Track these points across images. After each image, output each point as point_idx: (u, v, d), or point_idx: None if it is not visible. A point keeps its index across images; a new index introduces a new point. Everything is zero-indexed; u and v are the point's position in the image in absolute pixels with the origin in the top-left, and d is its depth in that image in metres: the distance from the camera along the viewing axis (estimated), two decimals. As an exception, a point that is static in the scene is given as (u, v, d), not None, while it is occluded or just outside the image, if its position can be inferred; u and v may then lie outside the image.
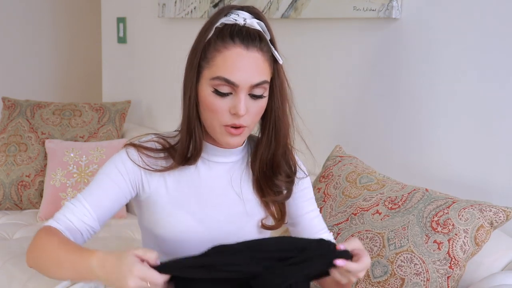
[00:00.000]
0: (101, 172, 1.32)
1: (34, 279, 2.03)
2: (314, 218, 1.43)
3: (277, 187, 1.35)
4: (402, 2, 1.90)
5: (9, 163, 2.67)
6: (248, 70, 1.21)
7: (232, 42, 1.21)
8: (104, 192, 1.30)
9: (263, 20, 1.26)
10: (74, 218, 1.27)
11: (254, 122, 1.28)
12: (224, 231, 1.35)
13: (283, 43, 2.34)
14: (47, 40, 3.98)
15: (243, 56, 1.21)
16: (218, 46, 1.22)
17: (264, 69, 1.24)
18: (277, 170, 1.35)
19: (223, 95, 1.22)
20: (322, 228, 1.43)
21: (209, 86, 1.23)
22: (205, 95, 1.24)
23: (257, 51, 1.22)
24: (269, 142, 1.32)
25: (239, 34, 1.22)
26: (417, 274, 1.43)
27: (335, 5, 2.06)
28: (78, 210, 1.28)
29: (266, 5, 2.32)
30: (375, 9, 1.93)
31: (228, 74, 1.20)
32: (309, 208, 1.43)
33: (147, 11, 3.14)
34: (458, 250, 1.44)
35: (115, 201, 1.31)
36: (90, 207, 1.28)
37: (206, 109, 1.25)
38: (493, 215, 1.45)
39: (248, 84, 1.21)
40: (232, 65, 1.20)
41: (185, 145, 1.30)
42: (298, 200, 1.41)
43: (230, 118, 1.23)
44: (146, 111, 3.23)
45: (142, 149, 1.32)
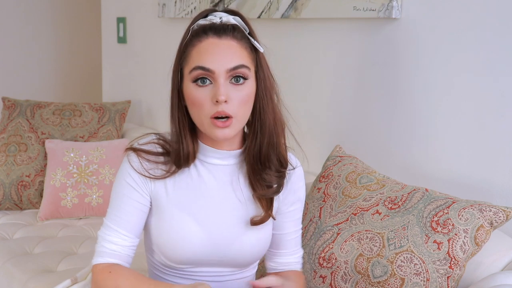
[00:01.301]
0: (116, 191, 1.35)
1: (34, 279, 2.03)
2: (292, 239, 1.46)
3: (265, 181, 1.35)
4: (402, 2, 1.90)
5: (9, 163, 2.67)
6: (222, 55, 1.23)
7: (205, 35, 1.25)
8: (128, 213, 1.33)
9: (240, 16, 1.29)
10: (117, 248, 1.32)
11: (242, 112, 1.27)
12: (225, 234, 1.34)
13: (283, 43, 2.34)
14: (47, 40, 3.98)
15: (216, 44, 1.24)
16: (193, 42, 1.26)
17: (241, 54, 1.25)
18: (266, 163, 1.34)
19: (203, 85, 1.24)
20: (294, 249, 1.47)
21: (189, 81, 1.25)
22: (188, 91, 1.26)
23: (231, 39, 1.25)
24: (255, 133, 1.32)
25: (212, 29, 1.25)
26: (417, 274, 1.43)
27: (335, 5, 2.06)
28: (115, 237, 1.32)
29: (266, 5, 2.32)
30: (375, 9, 1.93)
31: (203, 62, 1.23)
32: (291, 229, 1.45)
33: (147, 11, 3.14)
34: (458, 250, 1.44)
35: (140, 213, 1.34)
36: (124, 230, 1.32)
37: (191, 105, 1.27)
38: (493, 215, 1.45)
39: (223, 69, 1.23)
40: (205, 53, 1.24)
41: (176, 148, 1.31)
42: (283, 218, 1.43)
43: (214, 107, 1.24)
44: (146, 111, 3.23)
45: (142, 153, 1.33)
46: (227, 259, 1.36)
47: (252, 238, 1.36)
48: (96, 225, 2.54)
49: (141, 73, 3.26)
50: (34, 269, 2.10)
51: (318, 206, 1.71)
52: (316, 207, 1.71)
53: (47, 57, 3.99)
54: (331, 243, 1.58)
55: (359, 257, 1.51)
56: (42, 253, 2.25)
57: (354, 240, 1.55)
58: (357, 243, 1.54)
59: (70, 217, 2.60)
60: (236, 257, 1.36)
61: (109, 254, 1.31)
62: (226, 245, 1.34)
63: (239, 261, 1.38)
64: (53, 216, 2.58)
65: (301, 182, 1.45)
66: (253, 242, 1.36)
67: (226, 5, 2.53)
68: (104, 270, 1.30)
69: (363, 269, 1.49)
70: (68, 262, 2.17)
